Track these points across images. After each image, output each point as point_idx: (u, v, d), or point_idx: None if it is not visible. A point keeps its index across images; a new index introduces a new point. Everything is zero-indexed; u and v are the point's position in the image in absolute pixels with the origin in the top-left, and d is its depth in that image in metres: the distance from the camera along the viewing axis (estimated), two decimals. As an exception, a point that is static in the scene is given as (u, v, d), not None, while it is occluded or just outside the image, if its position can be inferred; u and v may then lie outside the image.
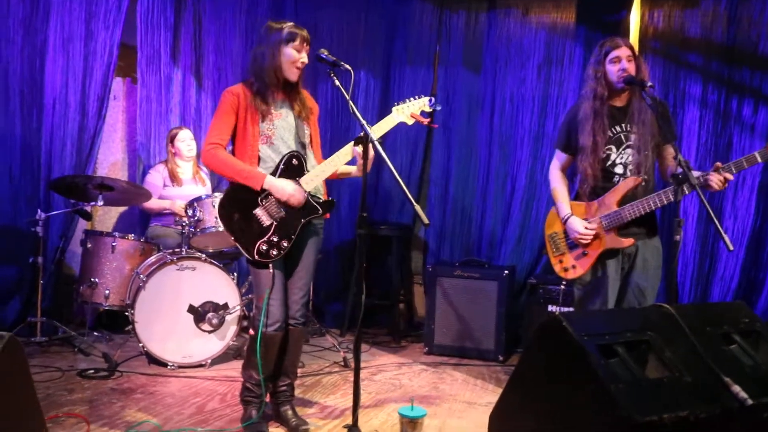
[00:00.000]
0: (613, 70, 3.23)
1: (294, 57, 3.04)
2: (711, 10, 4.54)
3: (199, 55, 5.45)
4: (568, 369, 1.99)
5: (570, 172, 3.58)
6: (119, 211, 5.42)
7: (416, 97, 3.21)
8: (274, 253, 3.05)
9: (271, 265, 3.06)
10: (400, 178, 2.63)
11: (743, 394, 1.89)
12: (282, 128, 3.11)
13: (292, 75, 3.07)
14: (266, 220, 3.04)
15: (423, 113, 3.21)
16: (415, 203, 2.58)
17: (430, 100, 3.19)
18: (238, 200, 3.05)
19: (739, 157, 4.46)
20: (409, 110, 3.16)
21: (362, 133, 2.79)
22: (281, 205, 3.04)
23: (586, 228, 3.31)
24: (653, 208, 3.16)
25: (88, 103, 4.82)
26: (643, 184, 3.25)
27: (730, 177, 3.03)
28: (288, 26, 3.06)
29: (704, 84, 4.57)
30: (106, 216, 5.37)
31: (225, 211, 3.06)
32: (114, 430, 3.12)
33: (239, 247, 3.07)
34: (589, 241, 3.32)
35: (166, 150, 4.99)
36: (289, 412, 3.25)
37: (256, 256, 3.03)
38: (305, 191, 3.07)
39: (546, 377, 2.08)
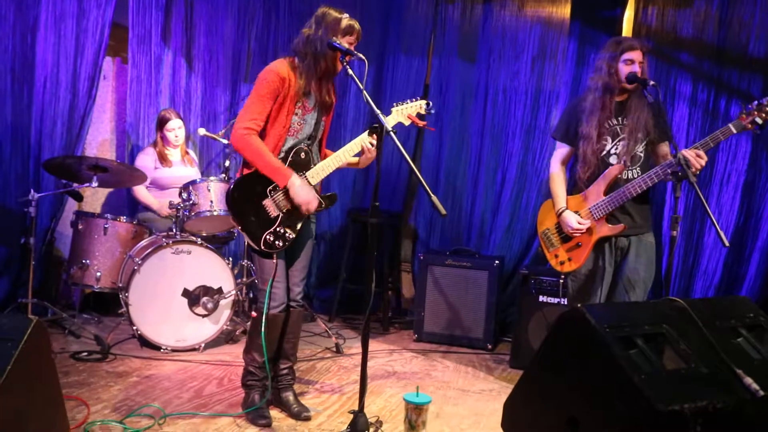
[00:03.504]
0: (625, 71, 3.29)
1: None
2: (703, 10, 4.62)
3: (190, 36, 5.38)
4: (589, 359, 2.05)
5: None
6: (106, 193, 5.35)
7: (414, 99, 3.26)
8: (280, 244, 3.08)
9: (274, 255, 3.09)
10: (418, 172, 2.67)
11: (755, 386, 1.97)
12: (308, 124, 3.13)
13: (338, 67, 3.08)
14: (273, 212, 3.07)
15: (419, 115, 3.26)
16: (431, 194, 2.63)
17: (428, 104, 3.24)
18: (250, 189, 3.05)
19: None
20: (406, 111, 3.22)
21: (377, 124, 2.82)
22: (289, 199, 3.06)
23: (579, 222, 3.39)
24: (638, 191, 3.23)
25: (78, 82, 4.74)
26: (626, 174, 3.33)
27: (702, 154, 3.07)
28: (346, 18, 3.07)
29: (694, 83, 4.66)
30: (93, 197, 5.29)
31: (235, 198, 3.06)
32: (115, 414, 3.12)
33: (245, 235, 3.08)
34: (583, 233, 3.41)
35: (155, 133, 4.94)
36: (291, 398, 3.28)
37: (263, 247, 3.06)
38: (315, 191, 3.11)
39: (566, 367, 2.14)
